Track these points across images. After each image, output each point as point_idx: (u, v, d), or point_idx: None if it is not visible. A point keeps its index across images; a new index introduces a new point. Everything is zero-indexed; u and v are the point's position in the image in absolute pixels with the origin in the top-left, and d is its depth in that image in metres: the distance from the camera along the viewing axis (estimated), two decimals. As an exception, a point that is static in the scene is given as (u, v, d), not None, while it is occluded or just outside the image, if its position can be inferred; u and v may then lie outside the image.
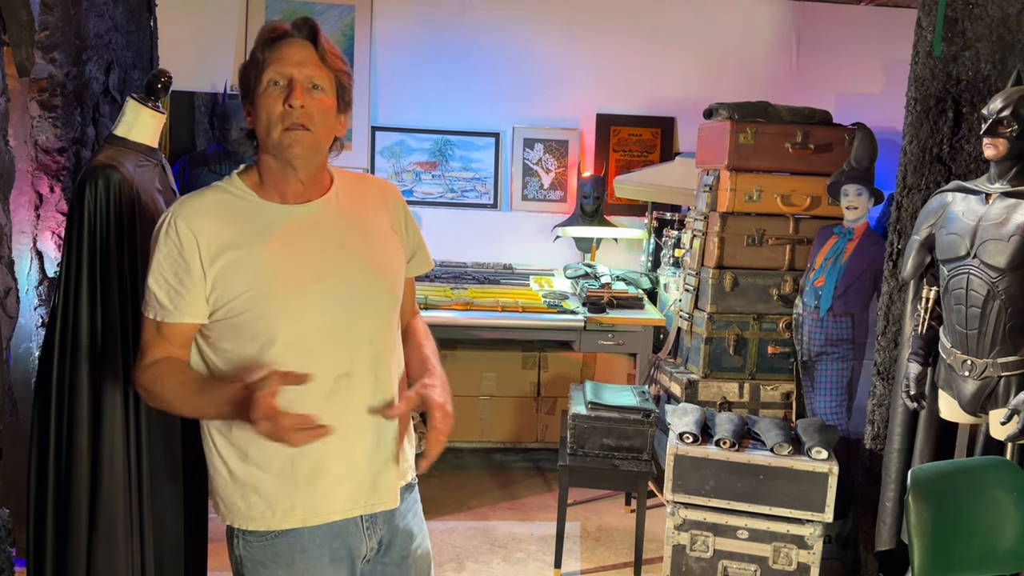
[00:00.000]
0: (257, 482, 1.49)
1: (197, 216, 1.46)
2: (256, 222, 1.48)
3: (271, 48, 1.47)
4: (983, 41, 2.83)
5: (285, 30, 1.48)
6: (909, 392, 2.71)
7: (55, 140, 2.67)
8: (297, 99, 1.43)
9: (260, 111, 1.46)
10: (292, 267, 1.46)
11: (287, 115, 1.44)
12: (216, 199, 1.51)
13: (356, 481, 1.51)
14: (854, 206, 3.47)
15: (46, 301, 2.73)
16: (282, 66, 1.45)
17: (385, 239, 1.61)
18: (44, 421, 2.29)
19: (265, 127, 1.46)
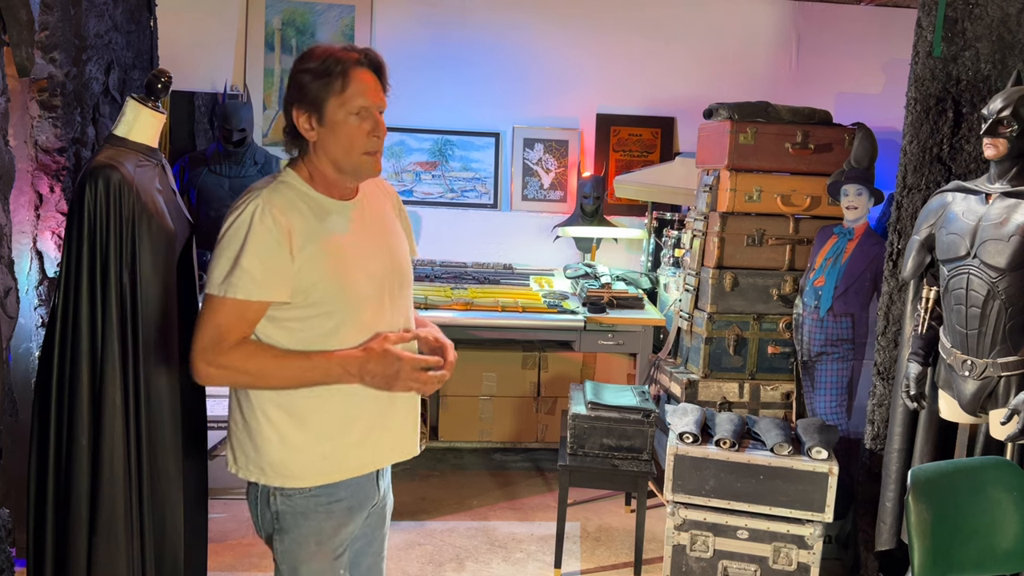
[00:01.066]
0: (314, 445, 1.69)
1: (287, 209, 1.65)
2: (323, 217, 1.69)
3: (349, 73, 1.65)
4: (983, 41, 2.83)
5: (357, 58, 1.67)
6: (909, 392, 2.71)
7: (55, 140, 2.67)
8: (383, 132, 1.69)
9: (342, 133, 1.66)
10: (353, 257, 1.69)
11: (371, 143, 1.68)
12: (294, 195, 1.69)
13: (395, 437, 1.79)
14: (854, 206, 3.47)
15: (46, 301, 2.73)
16: (366, 97, 1.65)
17: (397, 229, 1.86)
18: (44, 421, 2.29)
19: (346, 148, 1.67)
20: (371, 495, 1.82)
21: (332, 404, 1.69)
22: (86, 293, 2.25)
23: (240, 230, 1.65)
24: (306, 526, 1.74)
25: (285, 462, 1.70)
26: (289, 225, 1.64)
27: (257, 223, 1.63)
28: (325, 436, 1.70)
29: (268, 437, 1.71)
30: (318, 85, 1.64)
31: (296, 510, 1.73)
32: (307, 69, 1.66)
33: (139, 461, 2.35)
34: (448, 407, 4.36)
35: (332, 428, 1.71)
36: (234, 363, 1.63)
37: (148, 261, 2.32)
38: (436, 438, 4.38)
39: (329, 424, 1.70)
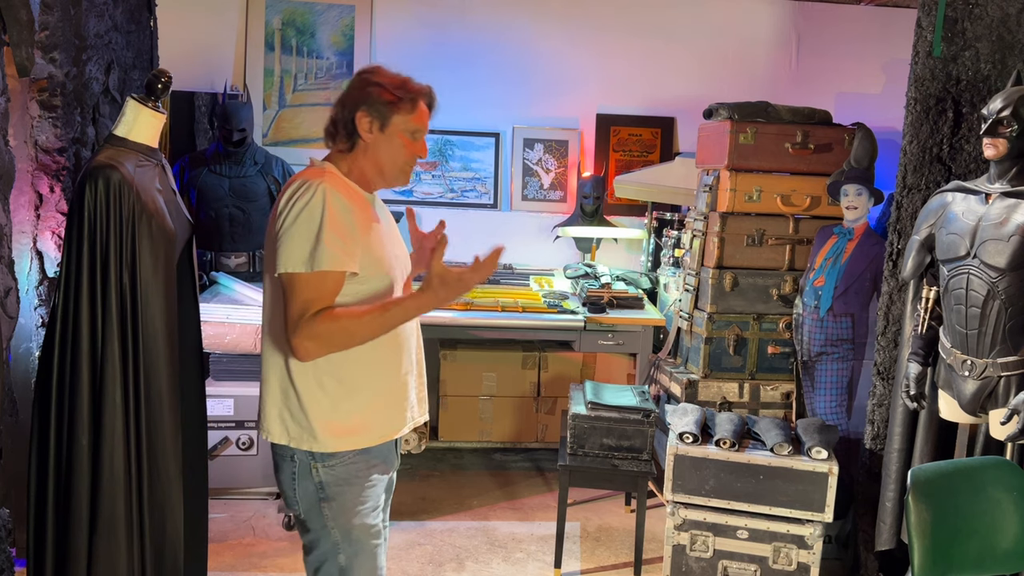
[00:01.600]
0: (362, 411, 1.88)
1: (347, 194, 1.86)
2: (367, 205, 1.92)
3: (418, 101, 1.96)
4: (983, 41, 2.83)
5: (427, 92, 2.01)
6: (909, 392, 2.71)
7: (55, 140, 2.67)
8: (425, 156, 2.00)
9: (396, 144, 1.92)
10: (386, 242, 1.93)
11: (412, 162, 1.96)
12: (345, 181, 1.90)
13: (420, 400, 2.01)
14: (854, 206, 3.47)
15: (46, 301, 2.73)
16: (423, 124, 1.97)
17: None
18: (44, 421, 2.29)
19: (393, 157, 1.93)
20: (394, 459, 2.02)
21: (375, 375, 1.89)
22: (86, 293, 2.25)
23: (315, 212, 1.79)
24: (350, 490, 1.90)
25: (334, 429, 1.86)
26: (351, 206, 1.83)
27: (330, 206, 1.79)
28: (375, 400, 1.90)
29: (322, 408, 1.86)
30: (391, 99, 1.90)
31: (340, 477, 1.89)
32: (383, 84, 1.91)
33: (139, 461, 2.35)
34: (448, 407, 4.37)
35: (380, 392, 1.91)
36: (326, 331, 1.77)
37: (148, 261, 2.32)
38: (436, 438, 4.38)
39: (377, 389, 1.90)
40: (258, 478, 3.73)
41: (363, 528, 1.93)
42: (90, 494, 2.30)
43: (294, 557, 3.30)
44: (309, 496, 1.91)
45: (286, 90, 4.68)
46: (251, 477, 3.73)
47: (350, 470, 1.90)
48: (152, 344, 2.34)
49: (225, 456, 3.69)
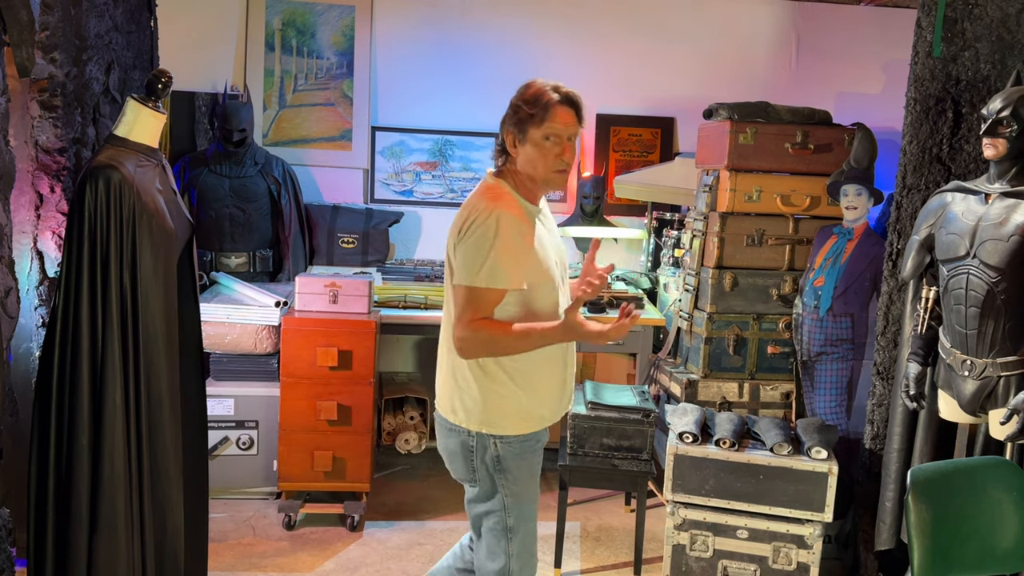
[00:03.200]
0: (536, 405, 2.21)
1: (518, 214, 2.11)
2: (532, 220, 2.17)
3: (549, 108, 2.11)
4: (983, 41, 2.83)
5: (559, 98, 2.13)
6: (909, 392, 2.71)
7: (55, 140, 2.67)
8: (571, 154, 2.15)
9: (536, 152, 2.12)
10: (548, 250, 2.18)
11: (559, 163, 2.13)
12: (516, 200, 2.15)
13: (569, 393, 2.32)
14: (854, 206, 3.47)
15: (46, 301, 2.73)
16: (558, 126, 2.11)
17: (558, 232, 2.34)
18: (44, 421, 2.29)
19: (535, 163, 2.13)
20: (547, 435, 2.33)
21: (543, 373, 2.20)
22: (86, 293, 2.26)
23: (488, 234, 2.05)
24: (523, 464, 2.24)
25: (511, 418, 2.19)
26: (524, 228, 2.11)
27: (504, 231, 2.06)
28: (547, 396, 2.23)
29: (502, 399, 2.17)
30: (525, 114, 2.11)
31: (514, 453, 2.21)
32: (520, 102, 2.13)
33: (139, 461, 2.35)
34: (448, 407, 4.36)
35: (550, 390, 2.23)
36: (480, 338, 2.07)
37: (148, 261, 2.32)
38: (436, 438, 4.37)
39: (547, 388, 2.22)
40: (258, 478, 3.73)
41: (529, 496, 2.28)
42: (90, 494, 2.30)
43: (294, 557, 3.30)
44: (486, 467, 2.23)
45: (286, 90, 4.68)
46: (251, 477, 3.73)
47: (524, 447, 2.22)
48: (152, 344, 2.34)
49: (225, 456, 3.69)
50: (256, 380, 3.72)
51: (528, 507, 2.29)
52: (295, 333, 3.47)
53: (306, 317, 3.49)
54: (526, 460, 2.24)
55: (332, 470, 3.51)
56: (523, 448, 2.22)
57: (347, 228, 4.49)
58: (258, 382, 3.71)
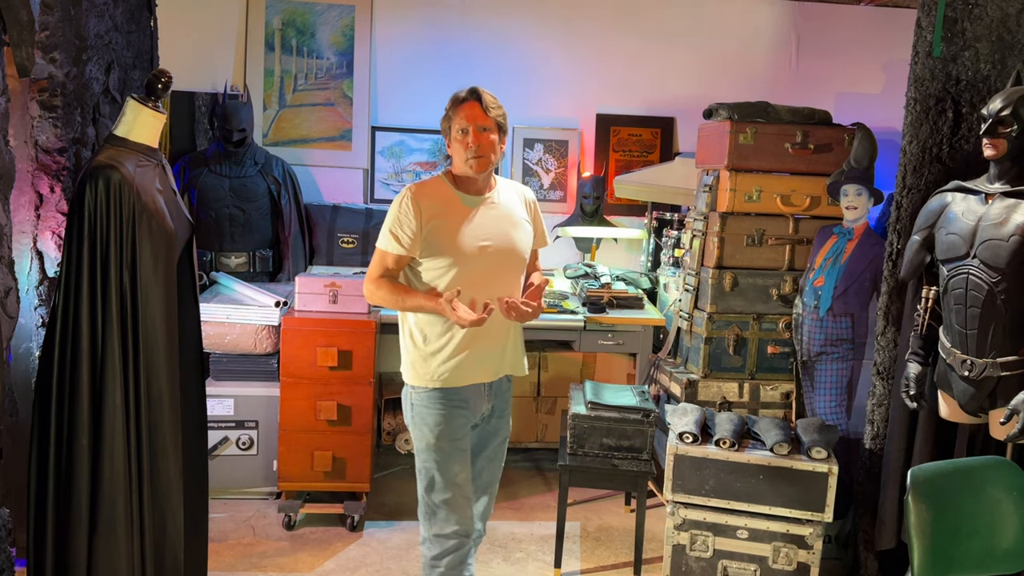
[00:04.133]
0: (437, 364, 2.44)
1: (421, 195, 2.42)
2: (453, 203, 2.44)
3: (456, 108, 2.43)
4: (983, 41, 2.83)
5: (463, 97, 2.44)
6: (909, 392, 2.71)
7: (55, 140, 2.67)
8: (480, 142, 2.40)
9: (456, 147, 2.43)
10: (470, 234, 2.42)
11: (470, 151, 2.40)
12: (433, 186, 2.47)
13: (492, 362, 2.51)
14: (854, 206, 3.47)
15: (46, 301, 2.73)
16: (465, 121, 2.41)
17: (522, 223, 2.53)
18: (44, 421, 2.29)
19: (457, 157, 2.44)
20: (479, 406, 2.52)
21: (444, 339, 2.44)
22: (86, 293, 2.26)
23: (392, 207, 2.44)
24: (431, 414, 2.46)
25: (419, 368, 2.47)
26: (420, 205, 2.40)
27: (402, 206, 2.41)
28: (439, 359, 2.44)
29: (411, 350, 2.49)
30: (445, 115, 2.47)
31: (422, 403, 2.48)
32: (445, 112, 2.47)
33: (139, 461, 2.35)
34: (448, 407, 4.36)
35: (444, 354, 2.44)
36: (374, 287, 2.43)
37: (148, 261, 2.32)
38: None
39: (443, 352, 2.44)
40: (258, 478, 3.73)
41: (440, 445, 2.47)
42: (90, 494, 2.30)
43: (294, 557, 3.30)
44: (410, 416, 2.53)
45: (286, 90, 4.68)
46: (251, 477, 3.73)
47: (430, 399, 2.46)
48: (152, 344, 2.34)
49: (225, 456, 3.69)
50: (256, 380, 3.72)
51: (439, 457, 2.47)
52: (295, 333, 3.47)
53: (306, 317, 3.49)
54: (432, 411, 2.46)
55: (332, 470, 3.52)
56: (430, 399, 2.46)
57: (347, 228, 4.49)
58: (258, 382, 3.71)
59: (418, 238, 2.40)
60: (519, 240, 2.50)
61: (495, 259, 2.44)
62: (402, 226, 2.41)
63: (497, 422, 2.62)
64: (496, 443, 2.64)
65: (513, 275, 2.51)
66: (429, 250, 2.41)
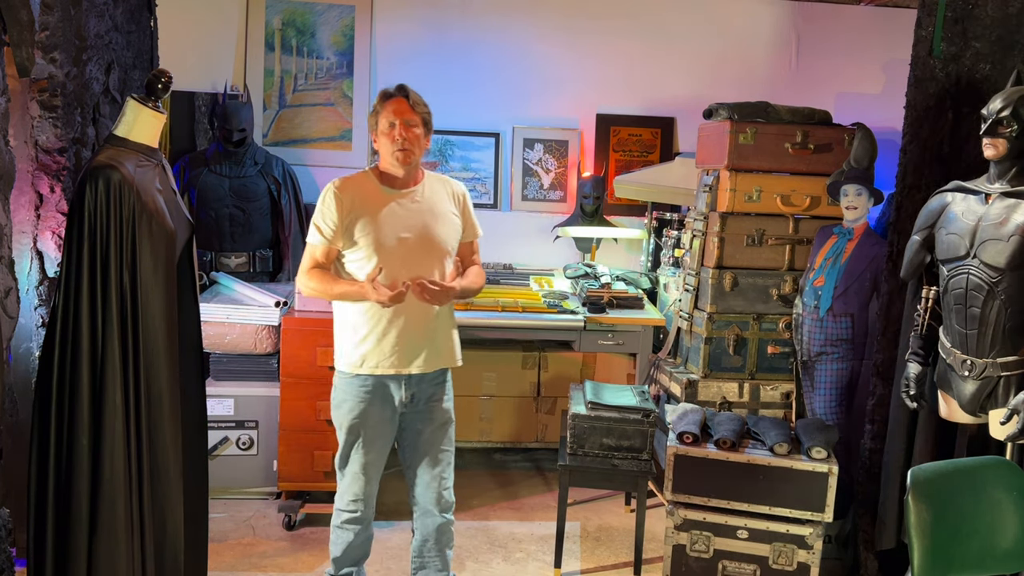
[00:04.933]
0: (352, 349, 2.59)
1: (344, 188, 2.57)
2: (375, 196, 2.58)
3: (383, 104, 2.56)
4: (983, 41, 2.83)
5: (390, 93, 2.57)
6: (909, 392, 2.70)
7: (55, 140, 2.67)
8: (406, 137, 2.53)
9: (383, 141, 2.55)
10: (390, 225, 2.55)
11: (396, 145, 2.53)
12: (358, 180, 2.61)
13: (415, 352, 2.60)
14: (854, 206, 3.47)
15: (46, 301, 2.73)
16: (391, 117, 2.53)
17: (445, 216, 2.64)
18: (44, 421, 2.29)
19: (384, 152, 2.57)
20: (394, 393, 2.62)
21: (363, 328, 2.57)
22: (86, 293, 2.25)
23: (318, 201, 2.58)
24: (346, 398, 2.62)
25: (343, 355, 2.63)
26: (343, 198, 2.54)
27: (327, 200, 2.55)
28: (366, 340, 2.57)
29: (339, 338, 2.65)
30: (373, 110, 2.59)
31: (340, 385, 2.65)
32: (372, 108, 2.60)
33: (139, 461, 2.35)
34: (448, 407, 4.36)
35: (370, 335, 2.57)
36: (306, 279, 2.57)
37: (148, 261, 2.32)
38: (436, 438, 4.37)
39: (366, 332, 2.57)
40: (258, 478, 3.73)
41: (352, 427, 2.63)
42: (90, 494, 2.30)
43: (294, 557, 3.30)
44: (332, 398, 2.68)
45: (286, 90, 4.68)
46: (251, 477, 3.73)
47: (345, 382, 2.62)
48: (152, 344, 2.34)
49: (225, 456, 3.69)
50: (256, 380, 3.72)
51: (352, 443, 2.64)
52: (295, 333, 3.47)
53: (306, 317, 3.49)
54: (350, 396, 2.61)
55: (332, 470, 3.50)
56: (349, 384, 2.61)
57: (347, 228, 4.49)
58: (258, 382, 3.71)
59: (340, 229, 2.53)
60: (441, 232, 2.60)
61: (415, 250, 2.55)
62: (324, 218, 2.54)
63: (429, 409, 2.68)
64: (434, 425, 2.70)
65: (434, 266, 2.59)
66: (350, 242, 2.54)
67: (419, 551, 2.78)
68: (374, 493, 2.73)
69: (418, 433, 2.69)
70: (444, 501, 2.75)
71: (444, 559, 2.78)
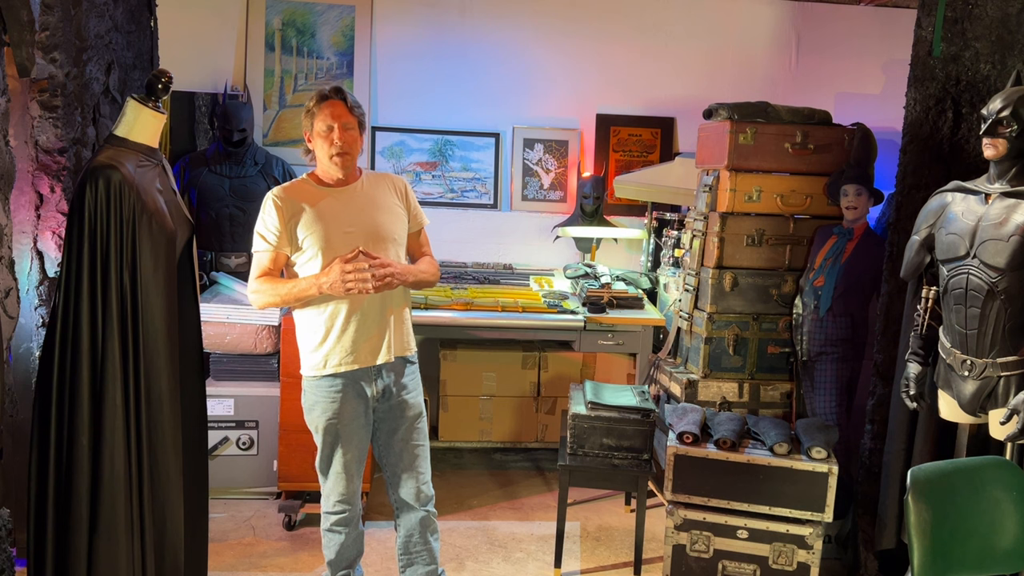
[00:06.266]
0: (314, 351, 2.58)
1: (282, 195, 2.56)
2: (314, 197, 2.57)
3: (319, 105, 2.52)
4: (983, 41, 2.83)
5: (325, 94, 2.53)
6: (909, 392, 2.71)
7: (55, 140, 2.67)
8: (342, 140, 2.52)
9: (319, 144, 2.54)
10: (332, 221, 2.54)
11: (332, 149, 2.53)
12: (296, 187, 2.60)
13: (374, 344, 2.59)
14: (854, 206, 3.47)
15: (46, 301, 2.73)
16: (327, 120, 2.51)
17: (388, 207, 2.65)
18: (44, 421, 2.29)
19: (320, 155, 2.56)
20: (365, 387, 2.61)
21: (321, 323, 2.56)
22: (86, 293, 2.25)
23: (261, 212, 2.56)
24: (315, 401, 2.61)
25: (308, 357, 2.61)
26: (282, 203, 2.53)
27: (268, 208, 2.54)
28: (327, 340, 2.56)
29: (301, 344, 2.63)
30: (307, 111, 2.55)
31: (308, 389, 2.63)
32: (306, 107, 2.56)
33: (139, 461, 2.35)
34: (448, 407, 4.37)
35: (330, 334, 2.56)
36: (259, 287, 2.53)
37: (148, 261, 2.32)
38: (436, 438, 4.38)
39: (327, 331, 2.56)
40: (258, 478, 3.73)
41: (328, 428, 2.61)
42: (90, 494, 2.30)
43: (294, 557, 3.30)
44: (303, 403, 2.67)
45: (286, 90, 4.68)
46: (251, 477, 3.73)
47: (313, 385, 2.61)
48: (152, 344, 2.34)
49: (225, 456, 3.69)
50: (256, 380, 3.72)
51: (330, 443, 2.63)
52: (295, 333, 3.46)
53: (306, 317, 3.49)
54: (321, 398, 2.59)
55: (332, 470, 3.51)
56: (318, 387, 2.59)
57: (347, 228, 4.50)
58: (258, 382, 3.72)
59: (284, 234, 2.52)
60: (386, 223, 2.60)
61: (362, 243, 2.52)
62: (267, 225, 2.53)
63: (400, 400, 2.67)
64: (407, 422, 2.69)
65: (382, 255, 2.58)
66: (296, 244, 2.53)
67: (405, 547, 2.79)
68: (358, 491, 2.73)
69: (392, 431, 2.68)
70: (423, 495, 2.76)
71: (431, 552, 2.79)
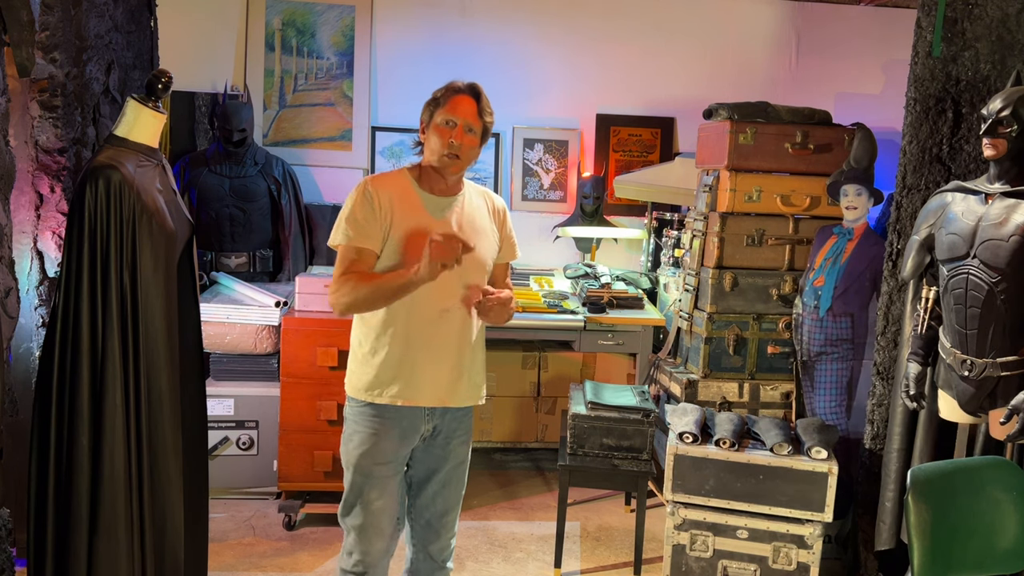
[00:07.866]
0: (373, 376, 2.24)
1: (381, 187, 2.23)
2: (412, 203, 2.25)
3: (449, 96, 2.26)
4: (983, 41, 2.83)
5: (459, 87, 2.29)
6: (909, 392, 2.71)
7: (55, 140, 2.67)
8: (463, 140, 2.23)
9: (433, 135, 2.25)
10: (425, 235, 2.12)
11: (451, 147, 2.22)
12: (394, 180, 2.28)
13: (438, 384, 2.26)
14: (854, 206, 3.47)
15: (46, 301, 2.73)
16: (454, 113, 2.23)
17: (485, 232, 2.35)
18: (44, 421, 2.29)
19: (432, 148, 2.25)
20: (415, 427, 2.27)
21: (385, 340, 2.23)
22: (86, 293, 2.26)
23: (347, 200, 2.23)
24: (359, 429, 2.27)
25: (361, 380, 2.27)
26: (380, 197, 2.21)
27: (360, 197, 2.21)
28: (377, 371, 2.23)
29: (352, 355, 2.31)
30: (433, 98, 2.28)
31: (353, 415, 2.29)
32: (437, 90, 2.30)
33: (139, 461, 2.35)
34: (448, 407, 4.36)
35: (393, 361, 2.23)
36: (347, 287, 2.16)
37: (148, 261, 2.32)
38: (436, 438, 4.38)
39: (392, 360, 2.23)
40: (258, 478, 3.73)
41: (362, 465, 2.26)
42: (90, 494, 2.30)
43: (294, 557, 3.30)
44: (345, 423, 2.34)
45: (286, 90, 4.68)
46: (251, 477, 3.73)
47: (360, 412, 2.27)
48: (152, 344, 2.34)
49: (225, 456, 3.69)
50: (256, 380, 3.72)
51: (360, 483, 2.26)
52: (295, 333, 3.47)
53: (306, 317, 3.49)
54: (361, 428, 2.26)
55: (332, 470, 3.51)
56: (361, 414, 2.26)
57: (347, 228, 4.50)
58: (258, 382, 3.72)
59: (378, 232, 2.20)
60: (481, 248, 2.28)
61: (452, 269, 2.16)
62: (357, 216, 2.19)
63: (450, 446, 2.35)
64: (450, 467, 2.37)
65: (471, 281, 2.28)
66: (387, 248, 2.22)
67: None
68: (387, 552, 2.34)
69: (432, 471, 2.35)
70: (449, 550, 2.44)
71: None
